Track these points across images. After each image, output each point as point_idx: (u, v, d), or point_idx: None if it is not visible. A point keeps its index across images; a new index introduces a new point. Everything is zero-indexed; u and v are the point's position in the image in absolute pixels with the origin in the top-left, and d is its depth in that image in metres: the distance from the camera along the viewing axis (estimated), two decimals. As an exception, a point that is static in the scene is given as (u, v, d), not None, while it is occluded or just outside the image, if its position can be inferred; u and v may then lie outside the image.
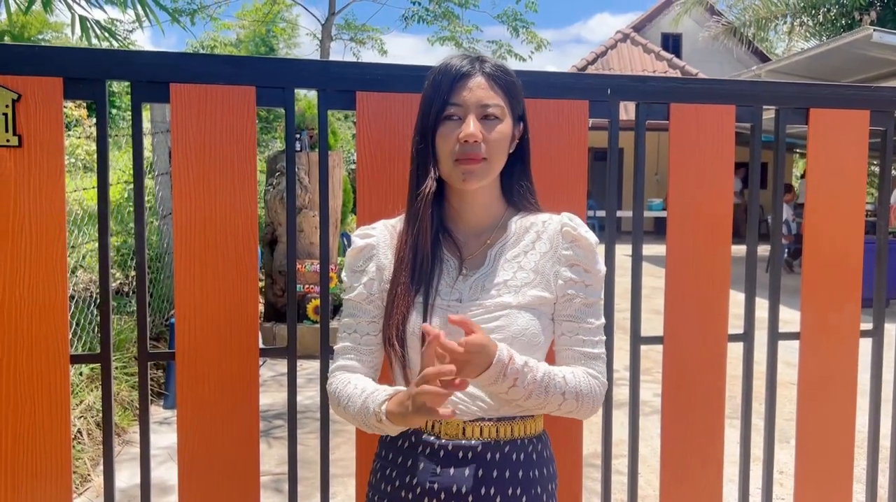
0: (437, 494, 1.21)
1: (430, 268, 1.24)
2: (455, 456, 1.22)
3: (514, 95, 1.25)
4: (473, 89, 1.20)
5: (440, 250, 1.26)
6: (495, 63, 1.25)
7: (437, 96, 1.22)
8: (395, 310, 1.23)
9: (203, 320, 1.60)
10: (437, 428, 1.24)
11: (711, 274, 1.82)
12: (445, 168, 1.23)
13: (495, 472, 1.21)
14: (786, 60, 8.48)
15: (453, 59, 1.24)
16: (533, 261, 1.26)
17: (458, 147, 1.20)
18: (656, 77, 1.82)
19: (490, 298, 1.22)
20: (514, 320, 1.21)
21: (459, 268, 1.26)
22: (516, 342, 1.19)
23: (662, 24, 20.05)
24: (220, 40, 19.77)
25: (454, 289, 1.24)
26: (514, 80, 1.26)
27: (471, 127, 1.19)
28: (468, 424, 1.22)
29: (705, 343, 1.83)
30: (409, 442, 1.26)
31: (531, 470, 1.25)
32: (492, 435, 1.23)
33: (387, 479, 1.27)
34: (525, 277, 1.24)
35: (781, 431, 3.56)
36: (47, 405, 1.54)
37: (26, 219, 1.51)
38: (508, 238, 1.28)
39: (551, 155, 1.73)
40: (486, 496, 1.20)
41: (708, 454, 1.86)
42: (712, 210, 1.82)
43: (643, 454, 1.90)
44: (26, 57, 1.50)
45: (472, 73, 1.21)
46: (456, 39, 12.59)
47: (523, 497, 1.22)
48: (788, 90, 1.88)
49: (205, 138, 1.58)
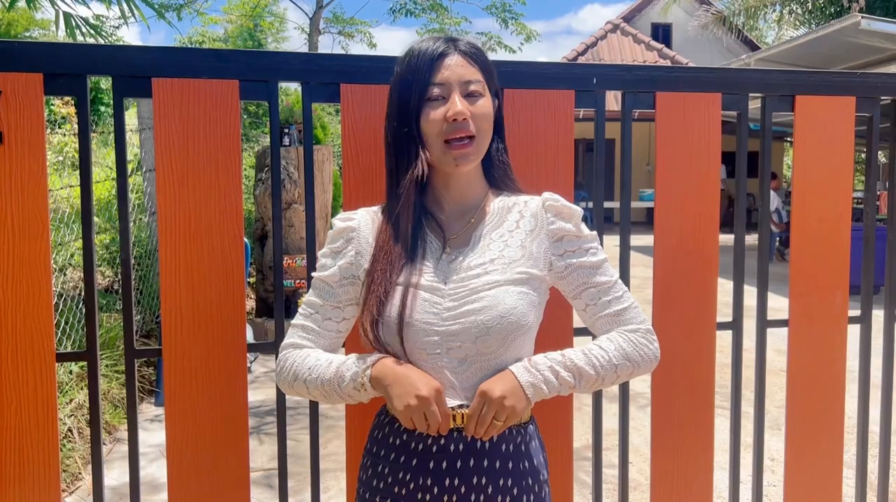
0: (430, 489, 1.20)
1: (412, 249, 1.22)
2: (447, 450, 1.20)
3: (489, 71, 1.27)
4: (453, 67, 1.21)
5: (423, 232, 1.25)
6: (468, 41, 1.26)
7: (417, 78, 1.21)
8: (372, 294, 1.20)
9: (190, 316, 1.59)
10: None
11: (700, 262, 1.82)
12: (435, 151, 1.22)
13: (485, 462, 1.20)
14: (775, 49, 8.50)
15: (424, 41, 1.24)
16: (519, 240, 1.25)
17: (446, 126, 1.20)
18: (642, 66, 1.82)
19: (476, 277, 1.20)
20: (502, 299, 1.18)
21: (443, 248, 1.24)
22: (504, 322, 1.17)
23: (652, 14, 20.06)
24: (208, 36, 19.64)
25: (438, 270, 1.22)
26: (487, 57, 1.28)
27: (457, 104, 1.19)
28: (457, 412, 1.19)
29: (694, 331, 1.83)
30: (400, 439, 1.24)
31: (522, 461, 1.24)
32: None
33: (378, 476, 1.25)
34: (513, 254, 1.23)
35: (773, 418, 3.58)
36: (33, 405, 1.53)
37: (9, 217, 1.50)
38: (492, 218, 1.28)
39: (538, 146, 1.72)
40: (479, 486, 1.19)
41: (698, 442, 1.86)
42: (700, 198, 1.82)
43: (635, 443, 1.91)
44: (5, 52, 1.48)
45: (449, 52, 1.22)
46: (445, 31, 12.57)
47: (514, 488, 1.22)
48: (774, 77, 1.88)
49: (188, 133, 1.56)
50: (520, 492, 1.22)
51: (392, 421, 1.26)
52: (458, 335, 1.17)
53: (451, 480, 1.19)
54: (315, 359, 1.24)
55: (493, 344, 1.18)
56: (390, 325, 1.18)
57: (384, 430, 1.27)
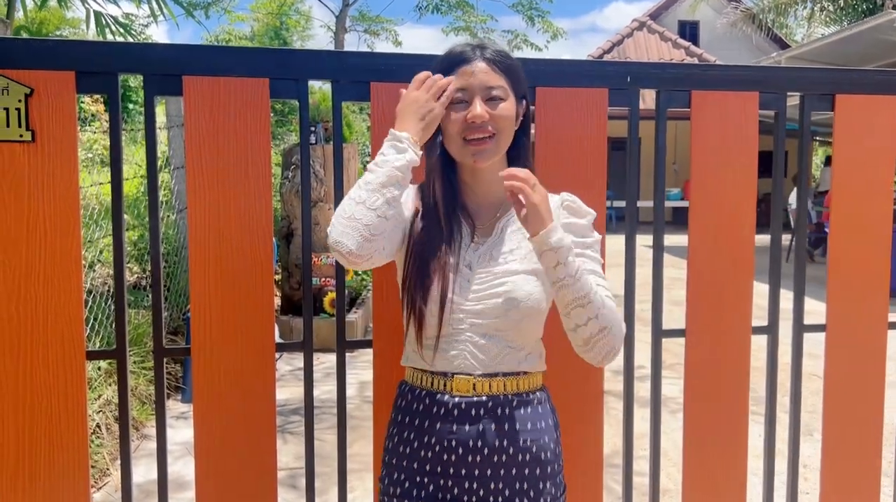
0: (455, 449, 1.29)
1: (448, 235, 1.31)
2: (469, 413, 1.30)
3: (515, 76, 1.33)
4: (477, 74, 1.29)
5: (458, 220, 1.34)
6: (495, 48, 1.33)
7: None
8: (422, 273, 1.28)
9: (218, 315, 1.58)
10: (449, 386, 1.31)
11: (735, 265, 1.78)
12: (455, 149, 1.31)
13: (506, 425, 1.31)
14: (806, 47, 8.36)
15: (455, 47, 1.33)
16: None
17: (465, 127, 1.29)
18: (677, 64, 1.78)
19: (497, 265, 1.30)
20: (521, 285, 1.28)
21: (472, 237, 1.34)
22: (521, 305, 1.28)
23: (679, 11, 19.83)
24: (235, 34, 19.77)
25: (465, 256, 1.32)
26: (514, 61, 1.34)
27: (477, 108, 1.27)
28: (478, 380, 1.30)
29: (729, 336, 1.79)
30: (423, 404, 1.33)
31: (539, 421, 1.34)
32: (500, 390, 1.31)
33: (405, 442, 1.34)
34: (529, 245, 1.28)
35: (804, 424, 3.50)
36: (64, 402, 1.54)
37: (40, 216, 1.50)
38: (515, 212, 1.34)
39: (570, 145, 1.69)
40: (500, 446, 1.30)
41: (731, 448, 1.82)
42: (736, 200, 1.77)
43: (664, 448, 1.87)
44: (38, 51, 1.49)
45: (474, 58, 1.30)
46: (471, 29, 12.53)
47: (533, 446, 1.32)
48: (813, 76, 1.83)
49: (218, 131, 1.56)
50: (538, 450, 1.32)
51: (413, 389, 1.36)
52: (481, 313, 1.29)
53: (474, 441, 1.29)
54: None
55: (510, 323, 1.29)
56: (432, 304, 1.28)
57: (406, 398, 1.37)
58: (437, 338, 1.30)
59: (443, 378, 1.32)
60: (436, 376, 1.32)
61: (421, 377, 1.35)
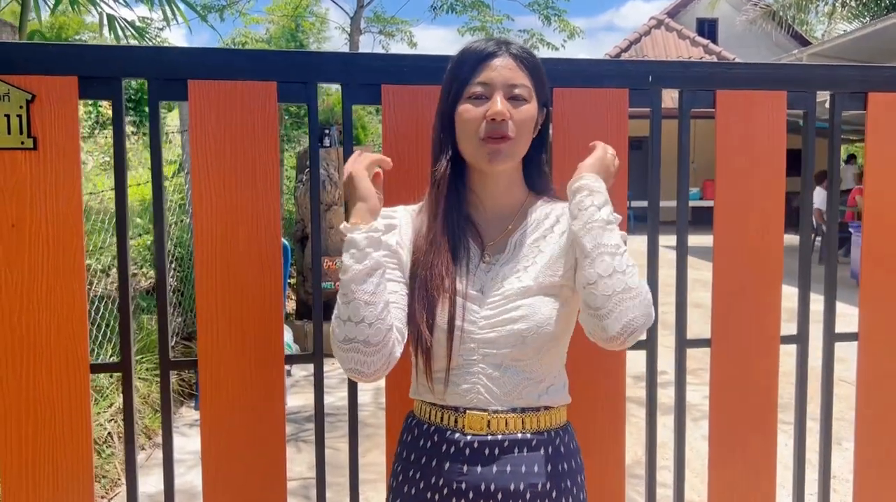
0: (465, 493, 1.16)
1: (454, 257, 1.19)
2: (482, 453, 1.17)
3: (540, 79, 1.23)
4: (500, 69, 1.18)
5: (464, 237, 1.22)
6: (521, 46, 1.23)
7: (461, 75, 1.19)
8: (425, 299, 1.16)
9: (226, 325, 1.53)
10: (461, 422, 1.18)
11: (762, 273, 1.71)
12: (470, 148, 1.19)
13: (524, 467, 1.17)
14: (829, 43, 8.21)
15: (478, 42, 1.22)
16: (552, 245, 1.22)
17: (484, 125, 1.16)
18: (701, 62, 1.71)
19: (511, 287, 1.17)
20: (538, 309, 1.16)
21: (481, 256, 1.22)
22: (540, 332, 1.15)
23: (697, 9, 19.63)
24: (251, 36, 19.79)
25: (475, 278, 1.20)
26: (539, 64, 1.24)
27: (498, 104, 1.15)
28: (492, 417, 1.17)
29: (756, 346, 1.72)
30: (431, 441, 1.21)
31: (560, 463, 1.20)
32: (517, 428, 1.18)
33: (410, 481, 1.22)
34: (543, 259, 1.20)
35: (833, 432, 3.39)
36: (68, 415, 1.50)
37: (43, 225, 1.46)
38: (529, 225, 1.24)
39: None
40: (517, 492, 1.16)
41: (759, 461, 1.75)
42: (763, 205, 1.70)
43: (687, 458, 1.80)
44: (39, 56, 1.45)
45: (498, 53, 1.19)
46: (486, 29, 12.45)
47: (553, 491, 1.18)
48: (844, 73, 1.75)
49: (225, 136, 1.51)
50: (559, 495, 1.18)
51: (421, 424, 1.24)
52: (494, 342, 1.16)
53: (487, 484, 1.16)
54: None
55: (528, 351, 1.16)
56: (439, 333, 1.16)
57: (413, 433, 1.25)
58: (446, 371, 1.17)
59: (454, 413, 1.18)
60: (446, 411, 1.19)
61: (430, 411, 1.22)
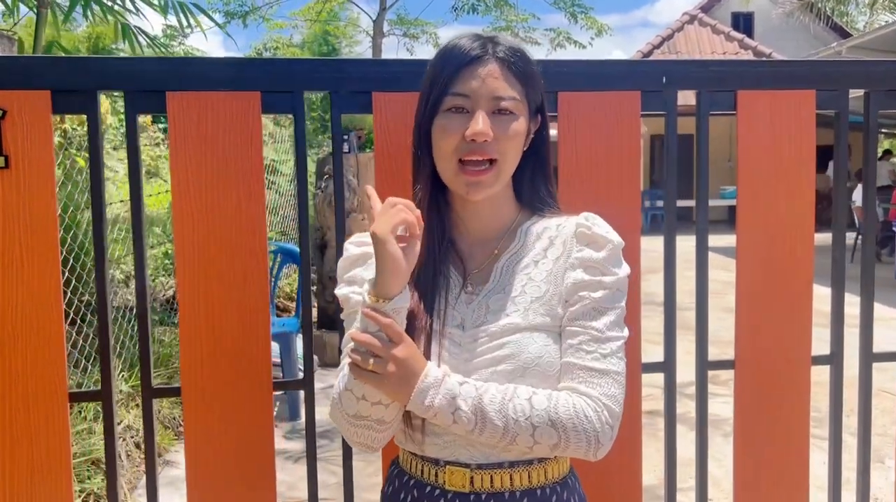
0: None
1: (432, 292, 1.05)
2: None
3: (532, 85, 1.06)
4: (485, 79, 1.01)
5: (444, 266, 1.08)
6: (510, 45, 1.05)
7: (439, 80, 1.03)
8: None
9: (210, 351, 1.44)
10: (441, 477, 1.04)
11: (790, 287, 1.56)
12: (447, 173, 1.05)
13: None
14: (870, 35, 7.90)
15: (462, 39, 1.05)
16: (545, 271, 1.07)
17: (462, 144, 1.02)
18: (720, 61, 1.57)
19: (496, 322, 1.03)
20: (525, 346, 1.01)
21: (463, 285, 1.08)
22: (529, 372, 1.00)
23: (732, 3, 19.21)
24: (283, 41, 19.81)
25: (455, 311, 1.06)
26: (533, 66, 1.07)
27: (479, 124, 1.00)
28: (476, 473, 1.03)
29: (784, 368, 1.58)
30: (411, 496, 1.08)
31: None
32: (504, 485, 1.03)
33: None
34: (535, 291, 1.05)
35: (873, 449, 3.19)
36: (45, 447, 1.42)
37: (17, 246, 1.39)
38: (517, 247, 1.09)
39: (599, 154, 1.51)
40: None
41: (790, 483, 1.60)
42: (790, 212, 1.56)
43: (715, 476, 1.66)
44: (9, 69, 1.37)
45: (484, 57, 1.02)
46: (511, 29, 12.28)
47: None
48: (880, 70, 1.60)
49: (206, 150, 1.42)
50: None
51: (402, 475, 1.12)
52: None
53: None
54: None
55: None
56: None
57: (394, 484, 1.13)
58: (423, 419, 1.02)
59: (434, 466, 1.05)
60: (426, 463, 1.06)
61: (411, 461, 1.09)
